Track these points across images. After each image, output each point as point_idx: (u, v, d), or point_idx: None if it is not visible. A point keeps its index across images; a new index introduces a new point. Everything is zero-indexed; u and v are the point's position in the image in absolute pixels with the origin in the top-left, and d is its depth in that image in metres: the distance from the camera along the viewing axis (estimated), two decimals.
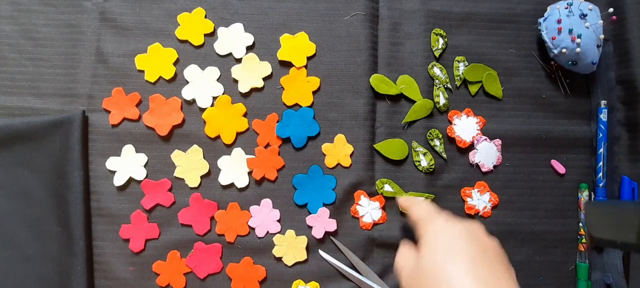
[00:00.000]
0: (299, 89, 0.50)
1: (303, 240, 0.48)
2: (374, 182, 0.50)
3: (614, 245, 0.35)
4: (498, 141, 0.51)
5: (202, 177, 0.49)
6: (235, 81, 0.50)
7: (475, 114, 0.51)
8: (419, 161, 0.50)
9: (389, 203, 0.50)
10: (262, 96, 0.50)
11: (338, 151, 0.50)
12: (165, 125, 0.49)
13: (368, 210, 0.49)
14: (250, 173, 0.49)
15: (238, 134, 0.50)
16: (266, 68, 0.50)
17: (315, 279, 0.48)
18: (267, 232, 0.49)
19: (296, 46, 0.50)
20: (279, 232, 0.49)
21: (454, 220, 0.37)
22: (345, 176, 0.49)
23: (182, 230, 0.48)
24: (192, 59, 0.50)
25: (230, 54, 0.50)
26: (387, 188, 0.49)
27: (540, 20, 0.51)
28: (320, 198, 0.49)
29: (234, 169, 0.49)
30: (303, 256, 0.48)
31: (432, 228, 0.36)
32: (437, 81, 0.51)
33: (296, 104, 0.50)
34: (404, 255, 0.38)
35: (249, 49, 0.50)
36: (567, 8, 0.48)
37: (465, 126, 0.51)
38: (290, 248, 0.48)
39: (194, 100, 0.50)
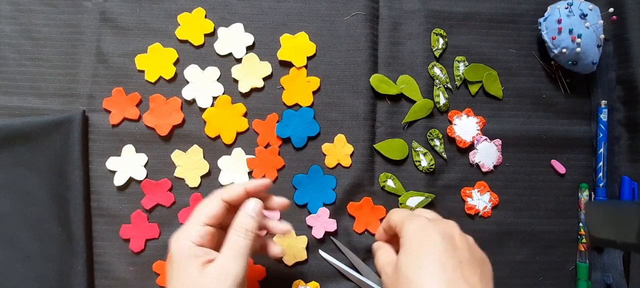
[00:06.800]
0: (299, 89, 0.50)
1: (303, 240, 0.48)
2: (374, 182, 0.50)
3: (614, 245, 0.35)
4: (498, 141, 0.51)
5: (202, 177, 0.49)
6: (236, 81, 0.50)
7: (475, 114, 0.51)
8: (419, 161, 0.50)
9: (389, 205, 0.50)
10: (262, 96, 0.50)
11: (338, 151, 0.50)
12: (165, 125, 0.49)
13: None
14: (250, 173, 0.49)
15: (238, 133, 0.50)
16: (266, 68, 0.50)
17: (315, 279, 0.48)
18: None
19: (296, 46, 0.50)
20: None
21: (430, 222, 0.35)
22: (346, 176, 0.49)
23: None
24: (192, 59, 0.50)
25: (230, 54, 0.50)
26: (390, 183, 0.49)
27: (541, 20, 0.51)
28: (321, 198, 0.49)
29: (234, 169, 0.49)
30: (303, 256, 0.48)
31: (410, 231, 0.35)
32: (437, 81, 0.51)
33: (296, 104, 0.50)
34: (384, 257, 0.38)
35: (249, 49, 0.50)
36: (567, 8, 0.48)
37: (466, 126, 0.51)
38: (290, 248, 0.48)
39: (194, 100, 0.50)
